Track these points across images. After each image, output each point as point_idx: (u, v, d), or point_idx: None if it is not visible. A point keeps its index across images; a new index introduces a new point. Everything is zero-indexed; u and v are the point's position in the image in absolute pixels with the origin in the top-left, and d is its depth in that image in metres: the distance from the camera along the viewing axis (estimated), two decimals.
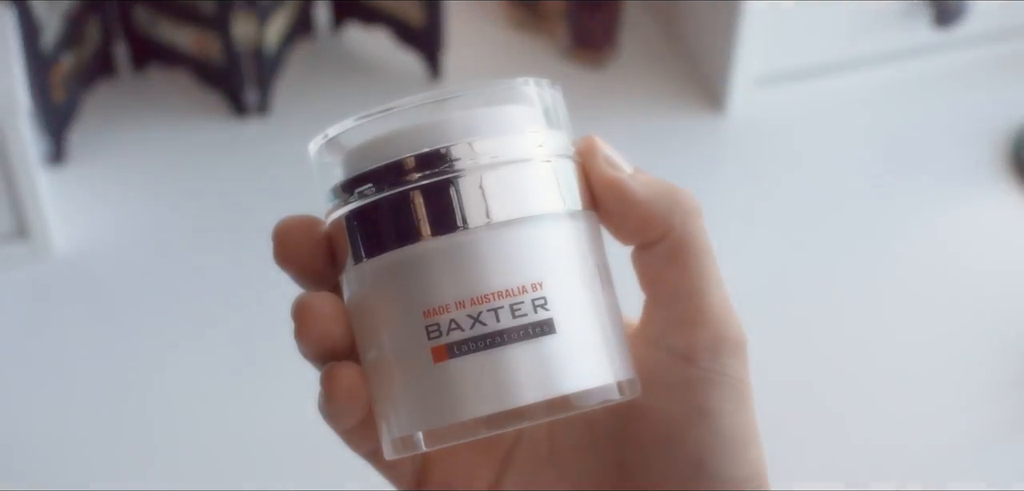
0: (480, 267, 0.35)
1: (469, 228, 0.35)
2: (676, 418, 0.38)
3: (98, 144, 0.99)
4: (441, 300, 0.35)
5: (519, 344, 0.35)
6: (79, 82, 0.98)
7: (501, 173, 0.36)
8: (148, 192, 0.97)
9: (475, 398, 0.35)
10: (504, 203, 0.35)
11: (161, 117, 1.02)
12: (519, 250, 0.36)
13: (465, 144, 0.36)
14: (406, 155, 0.36)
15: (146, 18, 1.01)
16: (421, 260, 0.35)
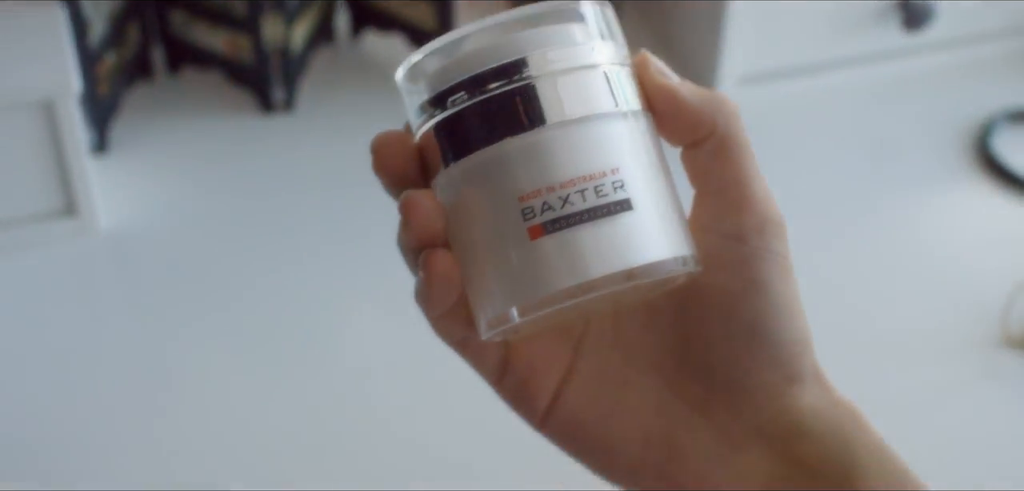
0: (566, 155, 0.40)
1: (552, 123, 0.40)
2: (733, 291, 0.43)
3: (137, 137, 1.07)
4: (534, 186, 0.40)
5: (603, 220, 0.40)
6: (120, 79, 1.06)
7: (574, 77, 0.41)
8: (183, 180, 1.04)
9: (568, 269, 0.40)
10: (579, 102, 0.41)
11: (194, 113, 1.10)
12: (596, 140, 0.40)
13: (540, 54, 0.41)
14: (493, 65, 0.41)
15: (181, 22, 1.09)
16: (514, 153, 0.40)
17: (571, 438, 0.47)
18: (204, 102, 1.11)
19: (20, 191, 0.95)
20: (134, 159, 1.05)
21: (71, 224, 0.97)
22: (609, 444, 0.47)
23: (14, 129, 0.92)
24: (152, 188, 1.03)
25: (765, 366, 0.44)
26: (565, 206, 0.40)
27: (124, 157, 1.05)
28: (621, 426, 0.46)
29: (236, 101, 1.11)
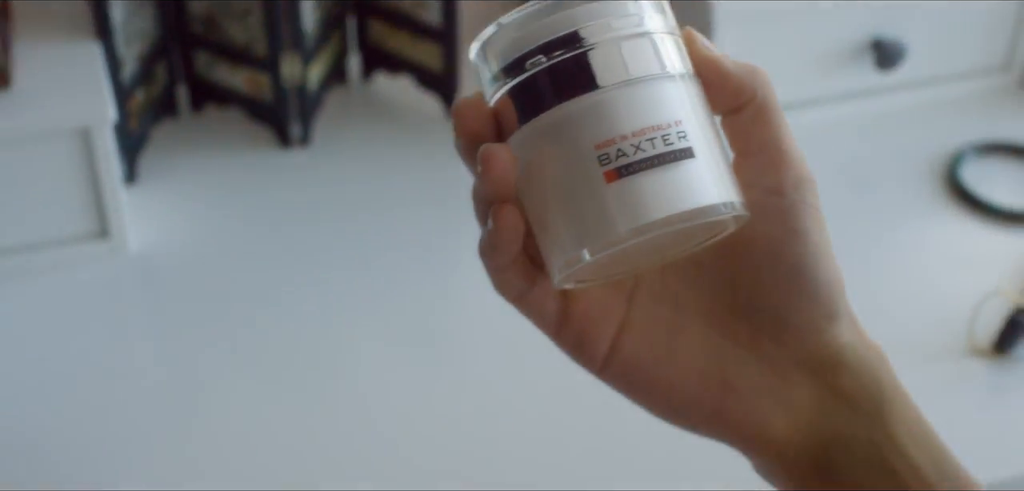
0: (636, 108, 0.45)
1: (624, 81, 0.45)
2: (776, 238, 0.48)
3: (163, 169, 1.14)
4: (609, 135, 0.44)
5: (669, 165, 0.44)
6: (148, 115, 1.14)
7: (640, 42, 0.46)
8: (206, 208, 1.12)
9: (640, 209, 0.44)
10: (646, 63, 0.46)
11: (217, 148, 1.17)
12: (661, 97, 0.45)
13: (609, 21, 0.46)
14: (567, 30, 0.46)
15: (205, 62, 1.16)
16: (590, 107, 0.45)
17: (630, 382, 0.51)
18: (225, 137, 1.18)
19: (58, 215, 1.02)
20: (161, 189, 1.12)
21: (104, 246, 1.04)
22: (666, 385, 0.51)
23: (54, 156, 0.99)
24: (177, 215, 1.10)
25: (807, 304, 0.49)
26: (637, 152, 0.44)
27: (151, 187, 1.12)
28: (676, 368, 0.51)
29: (255, 136, 1.18)
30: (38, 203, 1.02)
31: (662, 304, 0.51)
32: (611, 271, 0.48)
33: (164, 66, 1.16)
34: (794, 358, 0.50)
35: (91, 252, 1.04)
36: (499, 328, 0.81)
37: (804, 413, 0.50)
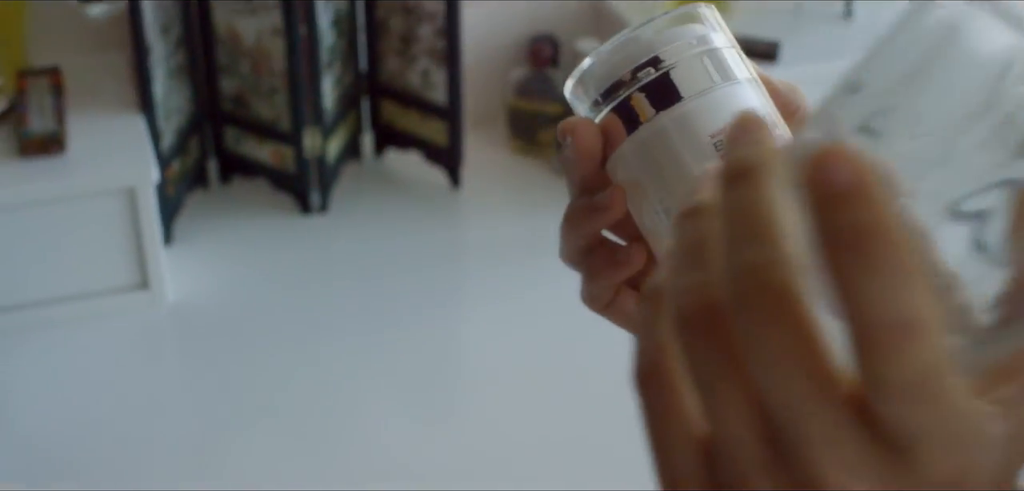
0: (735, 104, 0.52)
1: (725, 82, 0.51)
2: None
3: (196, 231, 1.26)
4: (719, 126, 0.51)
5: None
6: (183, 184, 1.26)
7: (730, 53, 0.52)
8: (234, 267, 1.23)
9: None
10: (738, 69, 0.52)
11: (244, 214, 1.29)
12: (750, 95, 0.53)
13: (706, 35, 0.52)
14: (675, 43, 0.52)
15: (234, 137, 1.28)
16: (701, 105, 0.51)
17: None
18: (252, 204, 1.30)
19: (104, 267, 1.14)
20: (194, 249, 1.24)
21: (144, 297, 1.16)
22: None
23: (102, 214, 1.11)
24: (209, 272, 1.22)
25: None
26: None
27: (185, 247, 1.24)
28: None
29: (279, 204, 1.30)
30: (87, 257, 1.13)
31: None
32: None
33: (197, 140, 1.28)
34: None
35: (133, 302, 1.15)
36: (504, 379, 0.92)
37: None
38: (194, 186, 1.29)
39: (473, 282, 1.29)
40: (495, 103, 1.40)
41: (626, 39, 0.51)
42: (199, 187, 1.31)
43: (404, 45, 1.30)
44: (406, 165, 1.36)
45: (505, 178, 1.36)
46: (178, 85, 1.23)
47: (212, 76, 1.26)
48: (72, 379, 1.10)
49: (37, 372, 1.10)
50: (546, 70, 1.36)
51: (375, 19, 1.30)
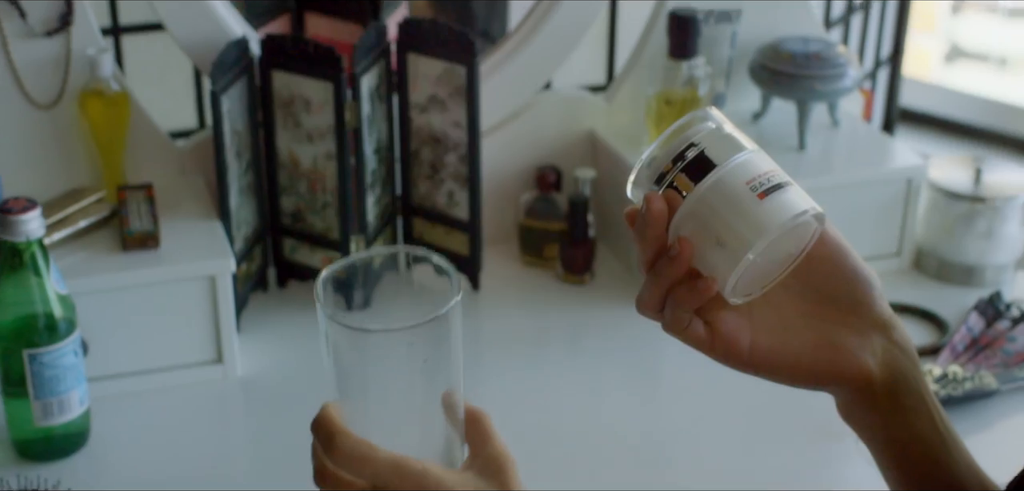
0: (758, 162, 0.75)
1: (751, 150, 0.75)
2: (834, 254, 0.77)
3: (259, 323, 1.48)
4: (752, 174, 0.74)
5: (784, 188, 0.73)
6: (248, 284, 1.48)
7: (736, 133, 0.77)
8: (292, 351, 1.45)
9: (781, 213, 0.73)
10: (744, 143, 0.76)
11: (298, 309, 1.52)
12: (764, 158, 0.75)
13: (728, 125, 0.77)
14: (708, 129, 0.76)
15: (290, 247, 1.52)
16: (738, 163, 0.74)
17: (769, 366, 0.79)
18: (304, 302, 1.53)
19: (187, 344, 1.36)
20: (257, 336, 1.46)
21: (219, 369, 1.38)
22: (794, 359, 0.78)
23: (187, 298, 1.34)
24: (270, 354, 1.44)
25: (864, 288, 0.78)
26: (768, 182, 0.74)
27: (250, 335, 1.46)
28: (797, 346, 0.78)
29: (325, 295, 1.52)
30: (173, 335, 1.36)
31: (772, 312, 0.79)
32: (755, 285, 0.76)
33: (260, 248, 1.51)
34: (868, 323, 0.79)
35: (209, 374, 1.38)
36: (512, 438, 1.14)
37: (880, 356, 0.78)
38: (256, 287, 1.52)
39: (490, 365, 1.49)
40: (508, 222, 1.63)
41: (665, 138, 0.76)
42: (260, 289, 1.54)
43: (433, 171, 1.54)
44: (430, 277, 1.59)
45: (516, 284, 1.59)
46: (247, 201, 1.47)
47: (274, 195, 1.50)
48: (159, 436, 1.31)
49: (132, 430, 1.31)
50: (551, 194, 1.60)
51: (408, 149, 1.54)
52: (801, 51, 1.58)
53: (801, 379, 0.80)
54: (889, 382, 0.79)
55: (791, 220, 0.73)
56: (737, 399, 1.30)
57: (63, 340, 1.21)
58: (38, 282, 1.19)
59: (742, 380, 0.83)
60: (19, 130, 1.40)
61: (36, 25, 1.38)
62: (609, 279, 1.59)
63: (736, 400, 1.32)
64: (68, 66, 1.40)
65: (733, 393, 1.32)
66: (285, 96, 1.45)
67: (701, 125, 0.77)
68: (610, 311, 1.53)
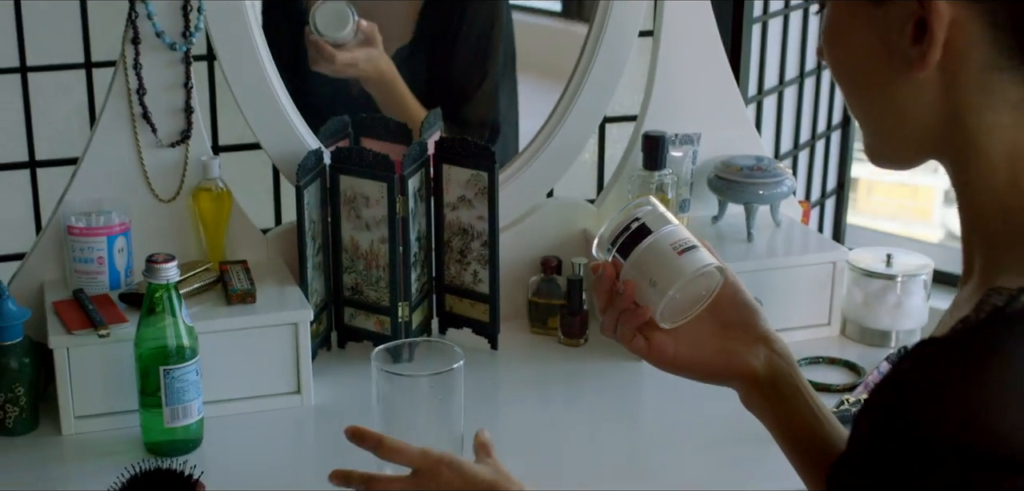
0: (678, 232, 1.11)
1: (674, 224, 1.14)
2: (731, 293, 1.12)
3: (325, 372, 1.85)
4: (675, 240, 1.11)
5: (695, 250, 1.11)
6: (317, 342, 1.86)
7: (666, 212, 1.16)
8: (350, 390, 1.81)
9: (693, 264, 1.09)
10: (671, 218, 1.14)
11: (355, 364, 1.88)
12: (681, 229, 1.14)
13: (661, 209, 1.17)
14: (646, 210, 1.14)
15: (349, 314, 1.90)
16: (665, 232, 1.11)
17: (687, 367, 1.14)
18: (359, 358, 1.89)
19: (274, 378, 1.73)
20: (324, 380, 1.82)
21: (297, 398, 1.74)
22: (703, 362, 1.13)
23: (276, 341, 1.72)
24: (333, 393, 1.80)
25: (751, 315, 1.12)
26: (686, 244, 1.10)
27: (319, 379, 1.82)
28: (705, 354, 1.13)
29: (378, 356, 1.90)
30: (264, 370, 1.73)
31: (689, 330, 1.13)
32: (679, 315, 1.12)
33: (327, 315, 1.89)
34: (753, 337, 1.14)
35: (290, 402, 1.74)
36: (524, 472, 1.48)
37: (763, 360, 1.12)
38: (322, 346, 1.89)
39: (506, 406, 1.84)
40: (520, 299, 2.01)
41: (618, 214, 1.14)
42: (325, 348, 1.91)
43: (461, 256, 1.92)
44: (462, 337, 1.96)
45: (526, 345, 1.96)
46: (318, 275, 1.85)
47: (338, 272, 1.89)
48: (252, 445, 1.67)
49: (232, 440, 1.66)
50: (553, 277, 1.98)
51: (442, 239, 1.93)
52: (748, 165, 1.98)
53: (708, 377, 1.15)
54: (771, 378, 1.13)
55: (699, 269, 1.11)
56: (700, 415, 1.67)
57: (188, 361, 1.58)
58: (172, 316, 1.57)
59: (702, 401, 1.21)
60: (147, 218, 1.80)
61: (163, 138, 1.79)
62: (599, 342, 1.96)
63: (699, 416, 1.68)
64: (185, 169, 1.81)
65: (696, 413, 1.69)
66: (349, 194, 1.84)
67: (643, 208, 1.16)
68: (600, 365, 1.90)
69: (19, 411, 1.65)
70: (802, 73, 2.48)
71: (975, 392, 0.82)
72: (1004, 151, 0.89)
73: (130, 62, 1.74)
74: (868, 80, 0.94)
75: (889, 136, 0.95)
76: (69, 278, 1.76)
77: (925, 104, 0.90)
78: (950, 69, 0.88)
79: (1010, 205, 0.90)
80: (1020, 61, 0.87)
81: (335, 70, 2.03)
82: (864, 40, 0.93)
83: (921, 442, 0.83)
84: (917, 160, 0.97)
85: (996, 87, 0.88)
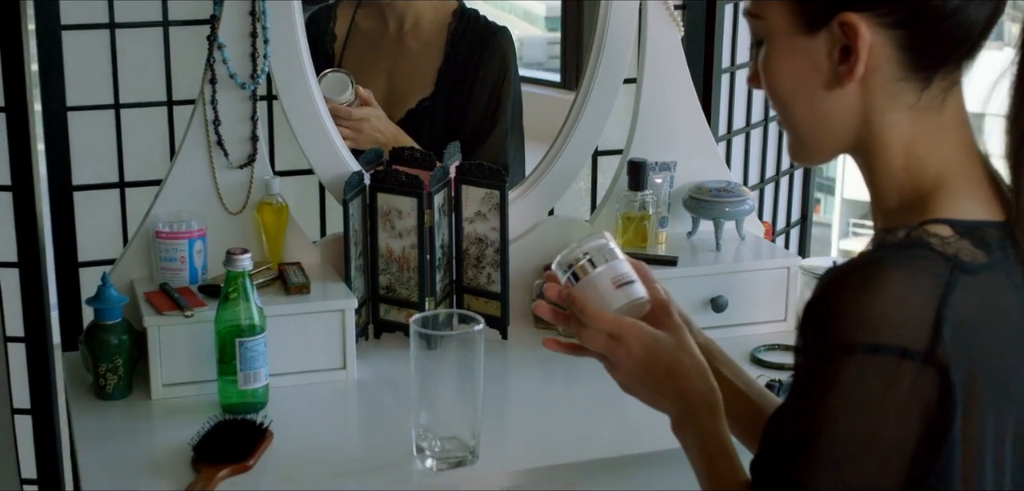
0: (620, 267, 1.43)
1: (615, 260, 1.44)
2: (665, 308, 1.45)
3: (364, 356, 2.17)
4: (615, 274, 1.39)
5: (631, 283, 1.40)
6: (357, 331, 2.18)
7: (615, 248, 1.47)
8: (384, 369, 2.13)
9: (627, 296, 1.39)
10: (616, 253, 1.46)
11: (389, 349, 2.21)
12: (623, 264, 1.46)
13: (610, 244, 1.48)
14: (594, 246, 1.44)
15: (384, 310, 2.23)
16: (608, 268, 1.40)
17: None
18: (393, 346, 2.22)
19: (323, 355, 2.06)
20: (364, 361, 2.14)
21: (343, 373, 2.07)
22: None
23: (326, 325, 2.04)
24: (372, 371, 2.12)
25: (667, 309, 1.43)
26: (624, 279, 1.40)
27: (360, 360, 2.14)
28: None
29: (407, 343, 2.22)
30: (316, 349, 2.05)
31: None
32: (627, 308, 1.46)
33: (366, 309, 2.22)
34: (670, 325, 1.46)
35: (337, 376, 2.06)
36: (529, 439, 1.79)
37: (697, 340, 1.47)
38: (361, 336, 2.22)
39: (514, 384, 2.16)
40: (526, 301, 2.34)
41: (573, 247, 1.42)
42: (363, 338, 2.23)
43: (477, 262, 2.25)
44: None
45: (531, 336, 2.28)
46: (359, 275, 2.18)
47: (375, 273, 2.22)
48: (306, 410, 1.99)
49: (290, 404, 1.97)
50: None
51: (462, 247, 2.26)
52: (716, 188, 2.32)
53: None
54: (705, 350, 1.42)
55: (627, 303, 1.39)
56: None
57: (258, 335, 1.91)
58: (246, 300, 1.90)
59: None
60: (219, 227, 2.13)
61: (233, 161, 2.13)
62: None
63: None
64: (250, 187, 2.14)
65: None
66: (385, 209, 2.18)
67: (595, 241, 1.48)
68: None
69: (117, 379, 1.97)
70: (767, 117, 2.81)
71: (867, 299, 1.09)
72: (901, 143, 1.21)
73: (208, 98, 2.08)
74: (801, 96, 1.21)
75: (815, 138, 1.25)
76: (155, 274, 2.09)
77: (845, 109, 1.21)
78: (866, 81, 1.19)
79: (902, 184, 1.22)
80: (916, 73, 1.18)
81: (351, 126, 2.39)
82: (799, 65, 1.20)
83: (832, 341, 1.10)
84: (834, 155, 1.28)
85: (898, 93, 1.19)
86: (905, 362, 1.08)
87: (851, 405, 1.10)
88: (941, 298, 1.10)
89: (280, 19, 2.10)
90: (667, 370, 1.37)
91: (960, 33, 1.17)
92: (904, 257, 1.13)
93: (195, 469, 1.72)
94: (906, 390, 1.09)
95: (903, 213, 1.20)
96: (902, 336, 1.09)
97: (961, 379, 1.09)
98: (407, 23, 2.64)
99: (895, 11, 1.16)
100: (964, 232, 1.14)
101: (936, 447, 1.10)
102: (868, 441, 1.09)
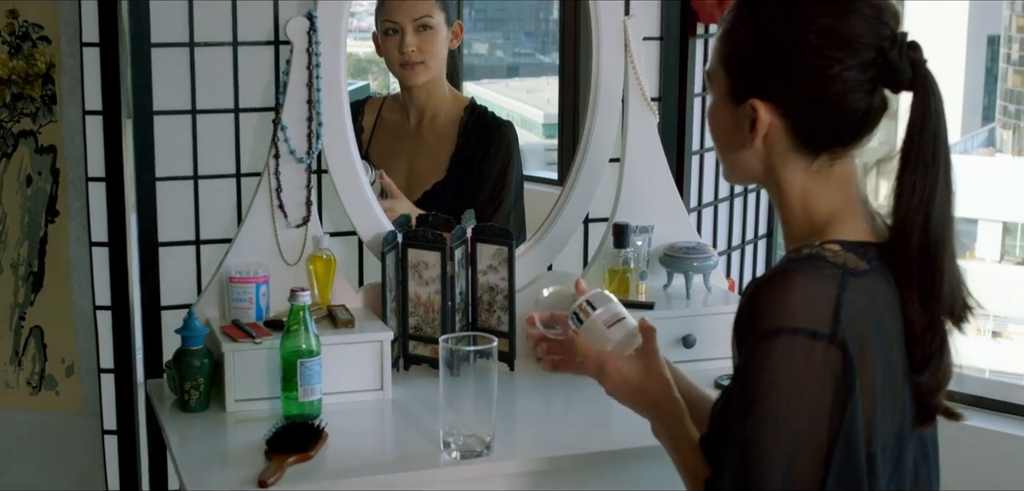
0: (616, 306, 1.88)
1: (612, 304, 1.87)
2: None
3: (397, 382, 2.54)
4: (610, 315, 1.83)
5: (623, 320, 1.81)
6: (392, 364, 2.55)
7: (610, 296, 1.90)
8: (413, 392, 2.50)
9: (617, 333, 1.80)
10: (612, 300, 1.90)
11: (417, 378, 2.58)
12: (617, 307, 1.88)
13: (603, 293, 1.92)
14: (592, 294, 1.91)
15: (412, 345, 2.60)
16: (603, 312, 1.85)
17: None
18: (421, 375, 2.59)
19: (364, 377, 2.43)
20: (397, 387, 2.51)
21: (380, 393, 2.44)
22: None
23: (367, 353, 2.42)
24: (404, 393, 2.49)
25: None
26: (617, 318, 1.81)
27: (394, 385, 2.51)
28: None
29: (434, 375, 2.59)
30: (358, 372, 2.43)
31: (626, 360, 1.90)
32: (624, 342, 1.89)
33: (397, 345, 2.59)
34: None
35: (376, 396, 2.44)
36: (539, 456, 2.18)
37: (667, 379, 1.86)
38: (393, 367, 2.59)
39: (520, 407, 2.53)
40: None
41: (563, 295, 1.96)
42: (395, 369, 2.60)
43: (489, 307, 2.64)
44: None
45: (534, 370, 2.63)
46: (393, 316, 2.56)
47: (405, 315, 2.60)
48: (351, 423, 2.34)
49: (338, 418, 2.32)
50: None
51: (476, 295, 2.65)
52: (687, 247, 2.71)
53: None
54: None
55: (624, 338, 1.81)
56: None
57: (314, 358, 2.28)
58: (305, 329, 2.28)
59: None
60: (279, 275, 2.52)
61: (291, 221, 2.52)
62: None
63: None
64: (305, 242, 2.53)
65: None
66: (414, 261, 2.57)
67: (595, 291, 1.87)
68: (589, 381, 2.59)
69: (198, 395, 2.35)
70: (732, 193, 3.22)
71: (784, 296, 1.42)
72: (798, 191, 1.61)
73: (272, 170, 2.48)
74: (727, 141, 1.59)
75: (734, 172, 1.63)
76: (227, 313, 2.48)
77: (754, 160, 1.61)
78: (767, 146, 1.60)
79: (801, 220, 1.62)
80: (803, 148, 1.58)
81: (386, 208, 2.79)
82: (726, 121, 1.57)
83: (760, 329, 1.42)
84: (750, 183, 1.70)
85: (792, 159, 1.60)
86: (816, 341, 1.40)
87: (781, 375, 1.40)
88: (838, 294, 1.42)
89: (331, 109, 2.50)
90: (639, 387, 1.76)
91: (840, 122, 1.55)
92: (808, 266, 1.51)
93: (268, 458, 2.09)
94: (819, 363, 1.39)
95: (804, 238, 1.59)
96: (812, 322, 1.40)
97: (856, 351, 1.40)
98: (426, 116, 3.05)
99: (786, 103, 1.56)
100: (850, 248, 1.53)
101: (844, 403, 1.40)
102: (797, 403, 1.40)
